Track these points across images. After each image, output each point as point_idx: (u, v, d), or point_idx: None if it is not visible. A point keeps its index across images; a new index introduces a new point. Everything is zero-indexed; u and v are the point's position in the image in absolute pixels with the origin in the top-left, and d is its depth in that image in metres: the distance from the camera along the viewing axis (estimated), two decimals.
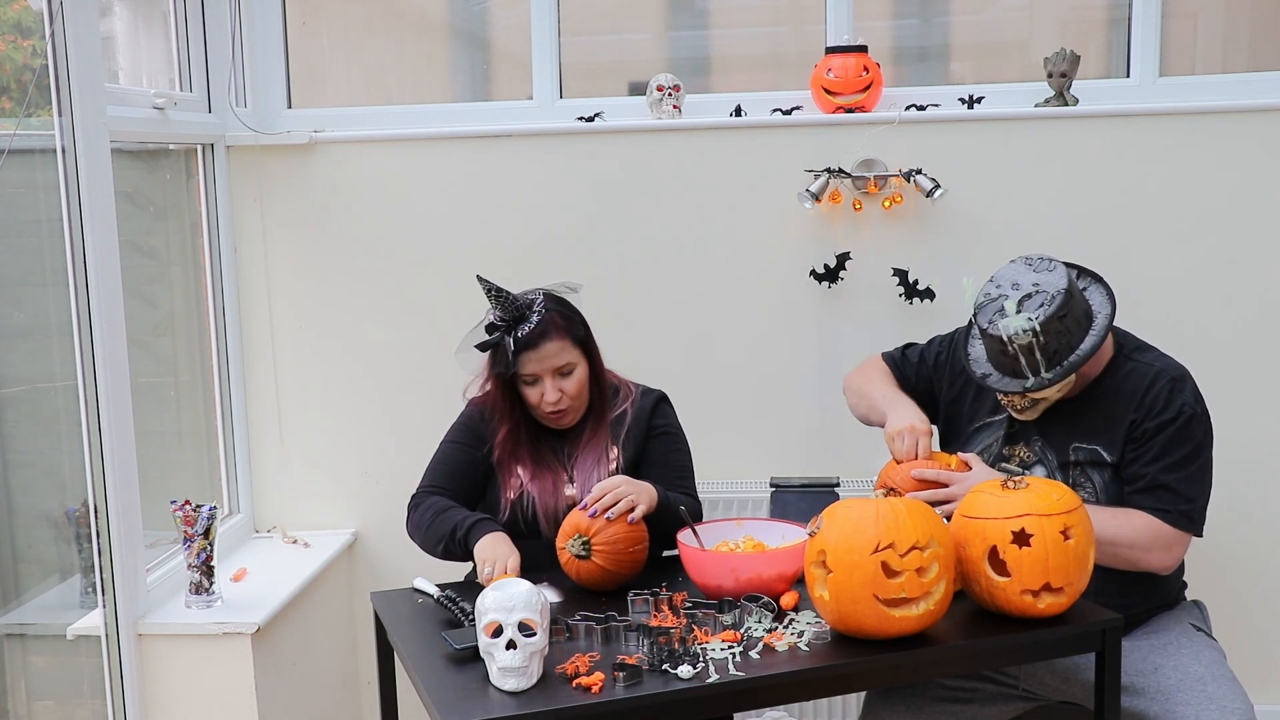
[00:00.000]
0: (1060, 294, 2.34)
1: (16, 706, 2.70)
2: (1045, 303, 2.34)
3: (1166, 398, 2.40)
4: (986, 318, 2.39)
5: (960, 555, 2.12)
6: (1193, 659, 2.37)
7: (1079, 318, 2.38)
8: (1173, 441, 2.38)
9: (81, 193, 2.54)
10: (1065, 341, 2.35)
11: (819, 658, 2.03)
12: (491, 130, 3.29)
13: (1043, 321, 2.32)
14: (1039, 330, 2.32)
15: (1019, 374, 2.37)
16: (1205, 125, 3.17)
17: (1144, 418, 2.40)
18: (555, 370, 2.53)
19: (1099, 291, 2.47)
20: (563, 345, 2.53)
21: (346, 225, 3.31)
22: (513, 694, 1.91)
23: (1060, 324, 2.34)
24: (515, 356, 2.49)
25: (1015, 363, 2.36)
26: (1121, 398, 2.44)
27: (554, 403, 2.54)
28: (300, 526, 3.39)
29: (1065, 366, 2.35)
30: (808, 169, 3.19)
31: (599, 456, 2.60)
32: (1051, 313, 2.32)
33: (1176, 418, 2.38)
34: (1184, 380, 2.44)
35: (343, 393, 3.37)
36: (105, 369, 2.58)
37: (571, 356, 2.55)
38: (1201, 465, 2.41)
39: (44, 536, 2.82)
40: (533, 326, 2.49)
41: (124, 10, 3.23)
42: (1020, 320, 2.33)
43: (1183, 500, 2.37)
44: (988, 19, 3.59)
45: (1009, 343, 2.34)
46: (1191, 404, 2.41)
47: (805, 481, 3.17)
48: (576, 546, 2.35)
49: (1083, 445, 2.45)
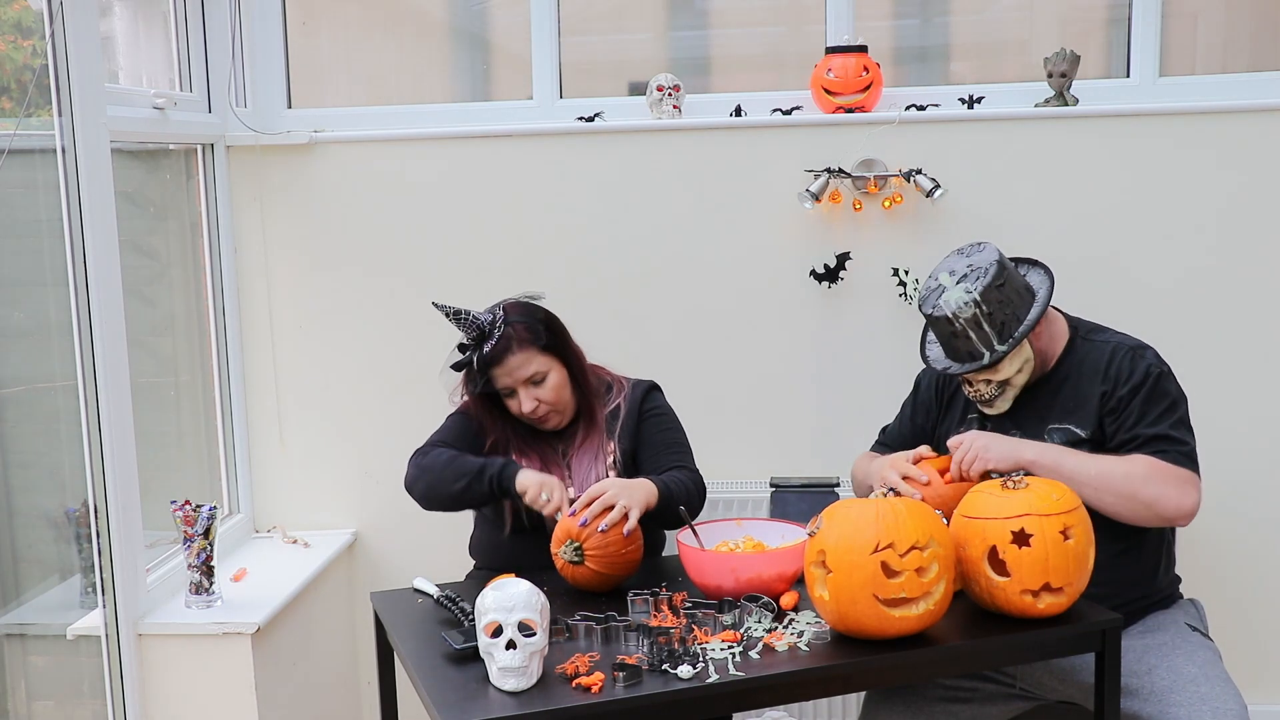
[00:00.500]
0: (993, 265, 2.44)
1: (16, 706, 2.70)
2: (980, 275, 2.43)
3: (1130, 365, 2.46)
4: (930, 304, 2.48)
5: (960, 555, 2.12)
6: (1186, 660, 2.37)
7: (1019, 289, 2.47)
8: (1149, 401, 2.43)
9: (81, 193, 2.54)
10: (1011, 313, 2.43)
11: (819, 658, 2.03)
12: (491, 130, 3.29)
13: (981, 291, 2.41)
14: (979, 300, 2.41)
15: (974, 354, 2.44)
16: (1205, 125, 3.17)
17: (1113, 388, 2.45)
18: (525, 380, 2.57)
19: (1036, 272, 2.57)
20: (528, 355, 2.56)
21: (346, 225, 3.31)
22: (513, 694, 1.91)
23: (999, 293, 2.42)
24: (483, 375, 2.55)
25: (968, 341, 2.43)
26: (1085, 375, 2.49)
27: (531, 412, 2.58)
28: (300, 526, 3.39)
29: (1016, 336, 2.42)
30: (808, 169, 3.19)
31: (595, 454, 2.61)
32: (988, 282, 2.41)
33: (1145, 379, 2.44)
34: (1143, 348, 2.50)
35: (343, 393, 3.37)
36: (105, 369, 2.58)
37: (539, 365, 2.58)
38: (1181, 417, 2.46)
39: (44, 536, 2.82)
40: (494, 343, 2.54)
41: (124, 10, 3.23)
42: (959, 293, 2.42)
43: (1177, 443, 2.41)
44: (988, 19, 3.59)
45: (955, 320, 2.42)
46: (1156, 364, 2.47)
47: (805, 481, 3.17)
48: (569, 553, 2.35)
49: (1056, 426, 2.49)
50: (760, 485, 3.22)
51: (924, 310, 2.50)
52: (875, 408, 2.94)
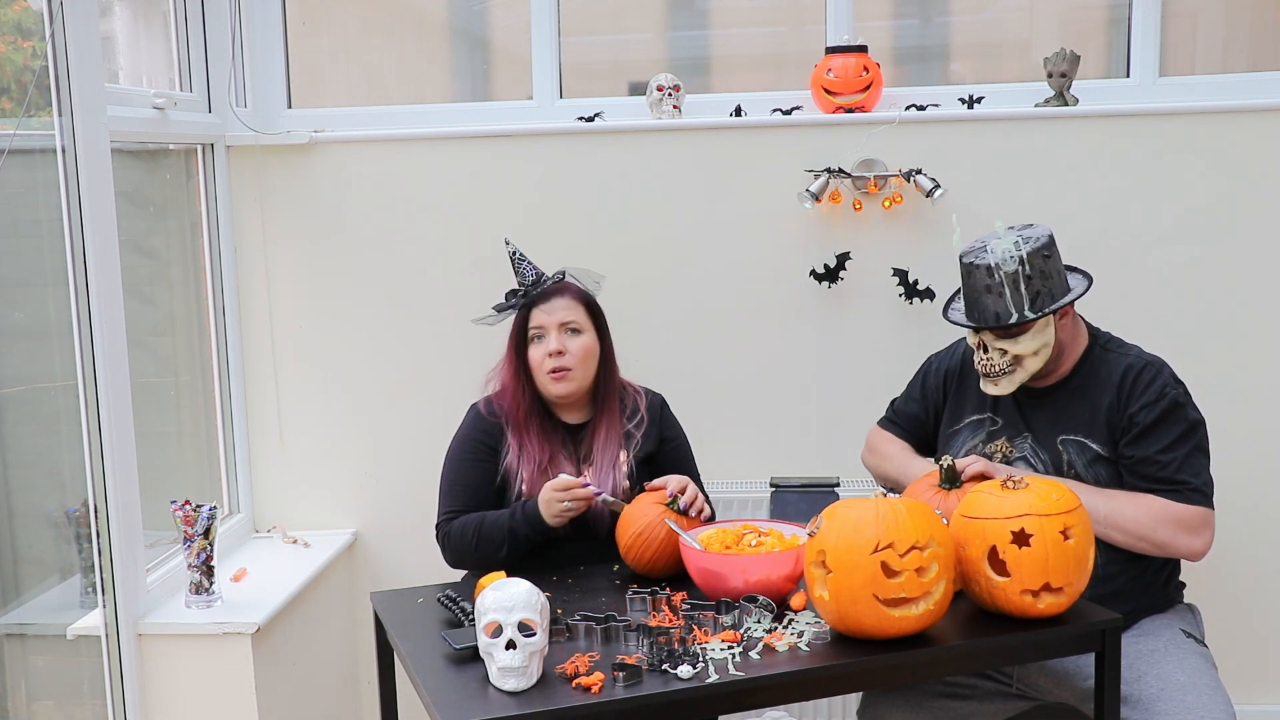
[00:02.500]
0: (1045, 237, 2.45)
1: (16, 706, 2.70)
2: (1031, 239, 2.43)
3: (1146, 382, 2.44)
4: (973, 254, 2.47)
5: (960, 555, 2.12)
6: (1176, 667, 2.36)
7: (1060, 270, 2.47)
8: (1162, 423, 2.41)
9: (81, 193, 2.54)
10: (1048, 287, 2.42)
11: (819, 658, 2.03)
12: (491, 130, 3.29)
13: (1029, 251, 2.41)
14: (1025, 259, 2.40)
15: (1001, 314, 2.42)
16: (1205, 125, 3.17)
17: (1125, 403, 2.43)
18: (561, 324, 2.58)
19: (1076, 275, 2.56)
20: (573, 304, 2.60)
21: (346, 225, 3.31)
22: (512, 694, 1.91)
23: (1045, 263, 2.41)
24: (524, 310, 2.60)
25: (999, 299, 2.41)
26: (1098, 385, 2.48)
27: (555, 354, 2.56)
28: (300, 526, 3.39)
29: (1049, 309, 2.41)
30: (808, 169, 3.19)
31: (613, 459, 2.60)
32: (1038, 247, 2.42)
33: (1159, 399, 2.42)
34: (1159, 366, 2.48)
35: (343, 393, 3.37)
36: (105, 369, 2.58)
37: (579, 317, 2.60)
38: (1197, 445, 2.43)
39: (44, 536, 2.82)
40: (548, 286, 2.61)
41: (124, 10, 3.23)
42: (1008, 244, 2.42)
43: (1190, 483, 2.39)
44: (988, 19, 3.59)
45: (996, 270, 2.41)
46: (1172, 385, 2.45)
47: (805, 481, 3.17)
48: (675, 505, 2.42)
49: (1070, 438, 2.48)
50: (760, 485, 3.22)
51: (965, 260, 2.47)
52: (875, 408, 2.94)
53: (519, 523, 2.48)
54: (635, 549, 2.41)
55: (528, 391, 2.61)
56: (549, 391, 2.60)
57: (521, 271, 2.64)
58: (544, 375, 2.58)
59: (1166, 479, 2.39)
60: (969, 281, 2.48)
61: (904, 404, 2.78)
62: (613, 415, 2.63)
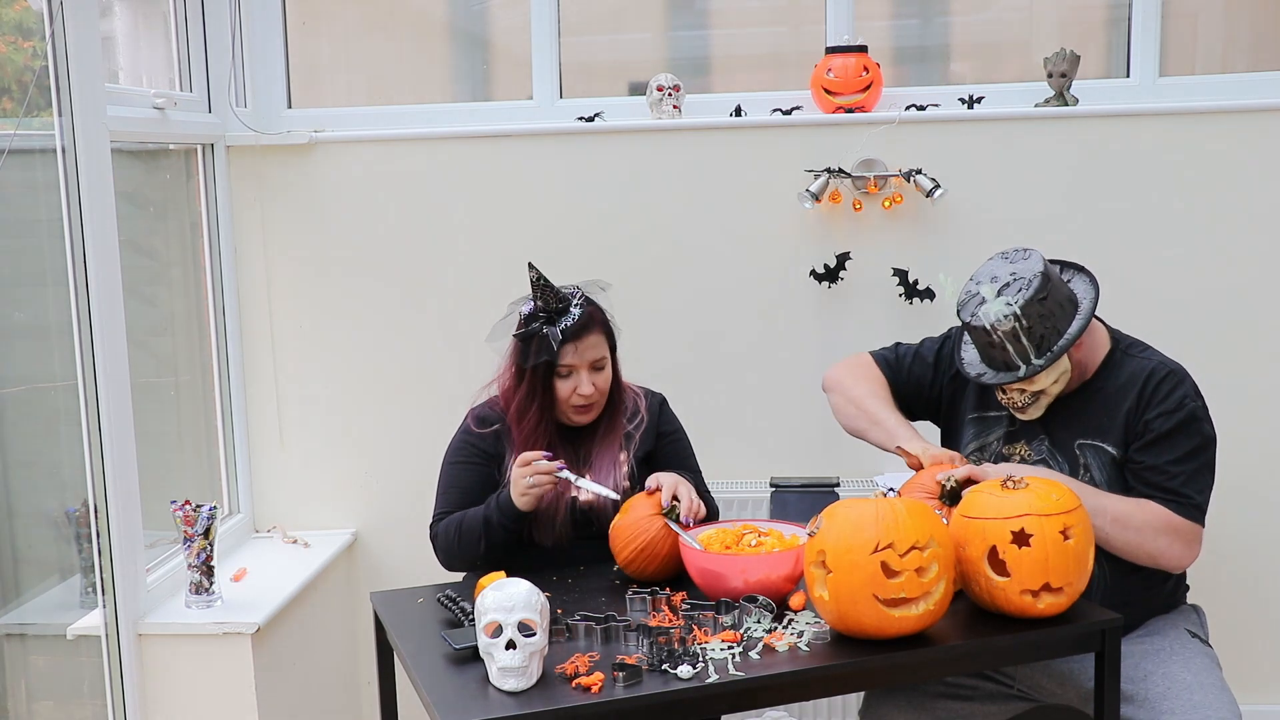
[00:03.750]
0: (1037, 277, 2.36)
1: (16, 706, 2.70)
2: (1023, 287, 2.35)
3: (1167, 391, 2.40)
4: (969, 312, 2.40)
5: (960, 555, 2.12)
6: (1182, 667, 2.36)
7: (1061, 302, 2.39)
8: (1177, 434, 2.38)
9: (81, 193, 2.54)
10: (1051, 325, 2.36)
11: (819, 658, 2.03)
12: (491, 130, 3.29)
13: (1023, 305, 2.33)
14: (1020, 314, 2.33)
15: (1010, 365, 2.38)
16: (1205, 125, 3.17)
17: (1143, 409, 2.40)
18: (591, 364, 2.54)
19: (1082, 280, 2.48)
20: (599, 340, 2.55)
21: (346, 225, 3.31)
22: (512, 694, 1.91)
23: (1041, 306, 2.35)
24: (556, 348, 2.50)
25: (1004, 353, 2.37)
26: (1119, 391, 2.44)
27: (587, 395, 2.54)
28: (300, 526, 3.39)
29: (1055, 351, 2.35)
30: (808, 169, 3.19)
31: (613, 459, 2.60)
32: (1030, 295, 2.34)
33: (1178, 409, 2.39)
34: (1182, 375, 2.44)
35: (343, 393, 3.37)
36: (105, 369, 2.58)
37: (605, 352, 2.57)
38: (1206, 462, 2.41)
39: (44, 536, 2.81)
40: (577, 319, 2.51)
41: (124, 10, 3.23)
42: (999, 305, 2.35)
43: (1192, 497, 2.38)
44: (988, 19, 3.59)
45: (993, 331, 2.35)
46: (1192, 397, 2.41)
47: (805, 481, 3.17)
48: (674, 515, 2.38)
49: (1087, 443, 2.45)
50: (760, 485, 3.22)
51: (961, 317, 2.42)
52: None
53: (493, 511, 2.47)
54: (638, 562, 2.39)
55: (545, 418, 2.57)
56: (570, 419, 2.59)
57: (545, 295, 2.52)
58: (569, 407, 2.56)
59: (1171, 490, 2.37)
60: (972, 336, 2.44)
61: (913, 360, 2.68)
62: (615, 421, 2.63)
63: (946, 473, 2.34)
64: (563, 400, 2.55)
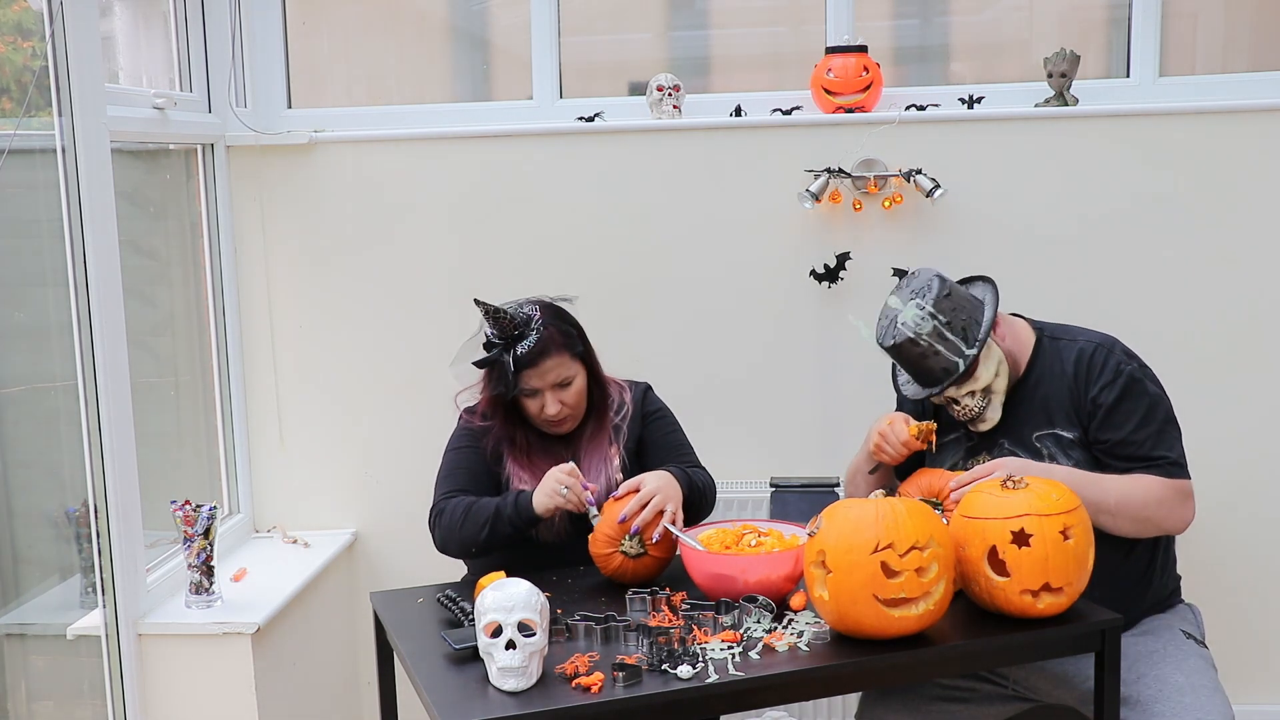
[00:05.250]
0: (934, 279, 2.44)
1: (16, 706, 2.70)
2: (926, 291, 2.43)
3: (1100, 363, 2.44)
4: (890, 335, 2.46)
5: (960, 555, 2.12)
6: (1175, 668, 2.36)
7: (966, 296, 2.47)
8: (1127, 403, 2.41)
9: (81, 193, 2.54)
10: (968, 315, 2.42)
11: (819, 658, 2.03)
12: (491, 130, 3.29)
13: (934, 303, 2.41)
14: (934, 312, 2.40)
15: (948, 368, 2.42)
16: (1205, 125, 3.17)
17: (1085, 388, 2.44)
18: (554, 384, 2.54)
19: (978, 285, 2.56)
20: (561, 360, 2.53)
21: (346, 225, 3.31)
22: (512, 694, 1.91)
23: (950, 301, 2.42)
24: (515, 375, 2.50)
25: (937, 357, 2.41)
26: (1054, 376, 2.48)
27: (553, 415, 2.55)
28: (300, 526, 3.39)
29: (981, 336, 2.41)
30: (808, 169, 3.19)
31: (603, 455, 2.60)
32: (936, 293, 2.42)
33: (1116, 377, 2.42)
34: (1110, 344, 2.48)
35: (343, 393, 3.37)
36: (105, 369, 2.58)
37: (570, 370, 2.56)
38: (1165, 416, 2.44)
39: (44, 536, 2.81)
40: (531, 345, 2.49)
41: (124, 10, 3.23)
42: (913, 311, 2.41)
43: (1169, 456, 2.41)
44: (988, 19, 3.59)
45: (918, 338, 2.41)
46: (1125, 361, 2.45)
47: (805, 481, 3.17)
48: (632, 546, 2.36)
49: (1045, 433, 2.47)
50: (760, 485, 3.22)
51: (884, 344, 2.48)
52: (875, 408, 2.93)
53: (506, 504, 2.47)
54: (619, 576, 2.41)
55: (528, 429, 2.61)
56: (546, 430, 2.61)
57: (499, 325, 2.50)
58: (541, 422, 2.58)
59: (1144, 457, 2.40)
60: (902, 359, 2.48)
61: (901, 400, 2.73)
62: (601, 420, 2.64)
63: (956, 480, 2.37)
64: (534, 416, 2.58)
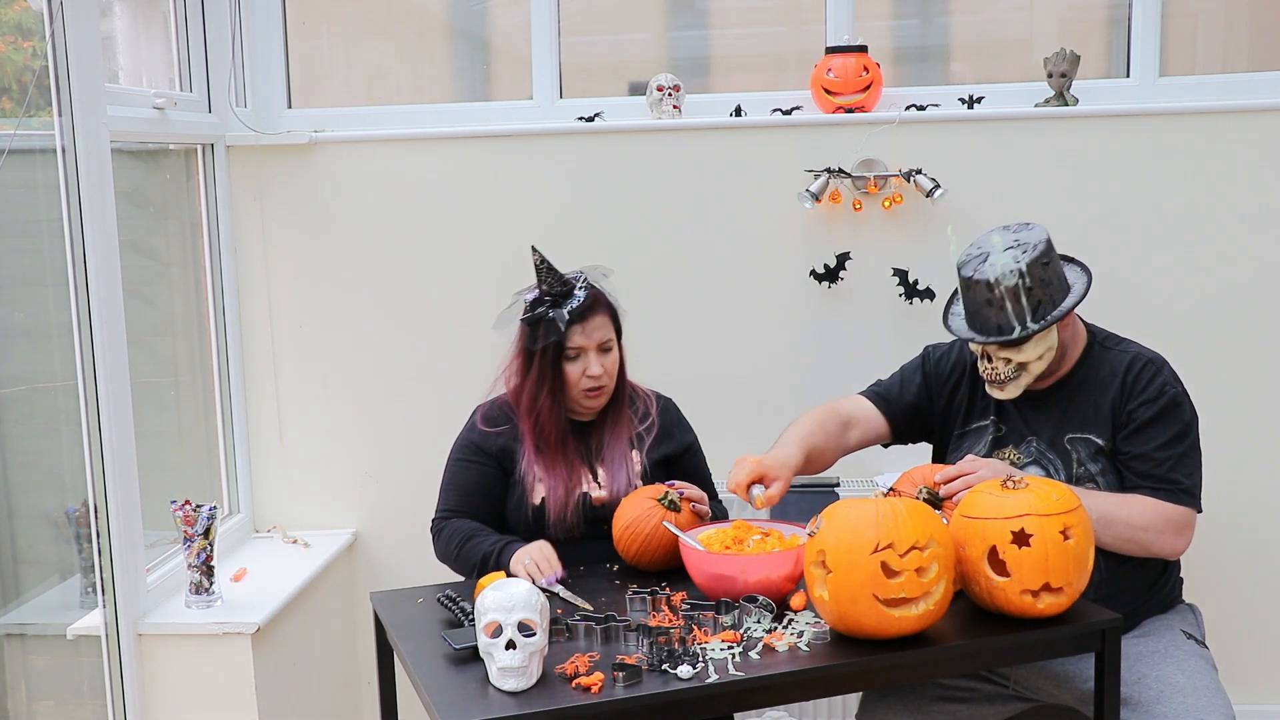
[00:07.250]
0: (1043, 243, 2.40)
1: (16, 706, 2.70)
2: (1029, 249, 2.38)
3: (1148, 379, 2.43)
4: (972, 268, 2.42)
5: (960, 555, 2.12)
6: (1176, 669, 2.36)
7: (1059, 274, 2.43)
8: (1160, 421, 2.41)
9: (81, 193, 2.54)
10: (1048, 294, 2.38)
11: (819, 658, 2.03)
12: (491, 130, 3.29)
13: (1028, 264, 2.36)
14: (1025, 272, 2.36)
15: (1004, 326, 2.39)
16: (1205, 125, 3.17)
17: (1127, 399, 2.43)
18: (599, 345, 2.56)
19: (1074, 269, 2.52)
20: (605, 321, 2.58)
21: (346, 225, 3.31)
22: (512, 694, 1.91)
23: (1044, 271, 2.38)
24: (564, 330, 2.53)
25: (1000, 312, 2.38)
26: (1100, 382, 2.47)
27: (596, 377, 2.55)
28: (300, 526, 3.39)
29: (1051, 317, 2.38)
30: (808, 169, 3.19)
31: (623, 453, 2.61)
32: (1035, 257, 2.37)
33: (1159, 397, 2.41)
34: (1160, 363, 2.47)
35: (343, 393, 3.37)
36: (105, 369, 2.58)
37: (611, 334, 2.60)
38: (1192, 444, 2.44)
39: (44, 536, 2.82)
40: (582, 300, 2.54)
41: (124, 10, 3.23)
42: (1006, 259, 2.37)
43: (1181, 482, 2.40)
44: (988, 19, 3.59)
45: (996, 286, 2.37)
46: (1172, 383, 2.44)
47: (805, 481, 3.16)
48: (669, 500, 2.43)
49: (1076, 436, 2.47)
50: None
51: (964, 273, 2.43)
52: None
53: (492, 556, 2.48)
54: (624, 540, 2.44)
55: (556, 404, 2.58)
56: (581, 405, 2.60)
57: (549, 281, 2.55)
58: (579, 391, 2.57)
59: (1160, 477, 2.39)
60: (969, 294, 2.44)
61: (899, 391, 2.68)
62: (621, 411, 2.64)
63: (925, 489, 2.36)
64: (573, 384, 2.57)
